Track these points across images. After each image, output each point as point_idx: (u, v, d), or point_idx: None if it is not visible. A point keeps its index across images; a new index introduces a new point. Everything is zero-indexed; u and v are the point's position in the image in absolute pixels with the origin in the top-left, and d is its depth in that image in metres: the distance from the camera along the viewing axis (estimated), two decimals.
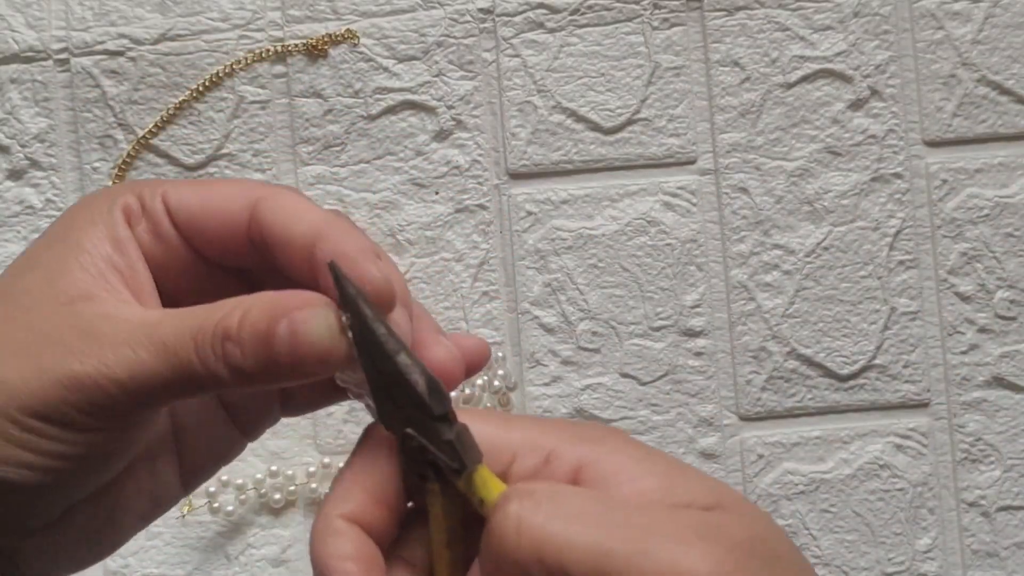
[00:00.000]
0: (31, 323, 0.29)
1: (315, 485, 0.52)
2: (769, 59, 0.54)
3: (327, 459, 0.53)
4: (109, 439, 0.29)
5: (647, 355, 0.53)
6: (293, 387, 0.32)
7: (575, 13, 0.54)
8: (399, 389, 0.28)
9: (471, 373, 0.31)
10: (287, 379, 0.29)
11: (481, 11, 0.54)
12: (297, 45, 0.54)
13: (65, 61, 0.54)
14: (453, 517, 0.28)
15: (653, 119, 0.54)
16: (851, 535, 0.53)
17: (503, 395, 0.52)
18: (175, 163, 0.54)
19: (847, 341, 0.53)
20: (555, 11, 0.54)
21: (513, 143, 0.54)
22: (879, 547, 0.53)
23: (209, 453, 0.33)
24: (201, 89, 0.54)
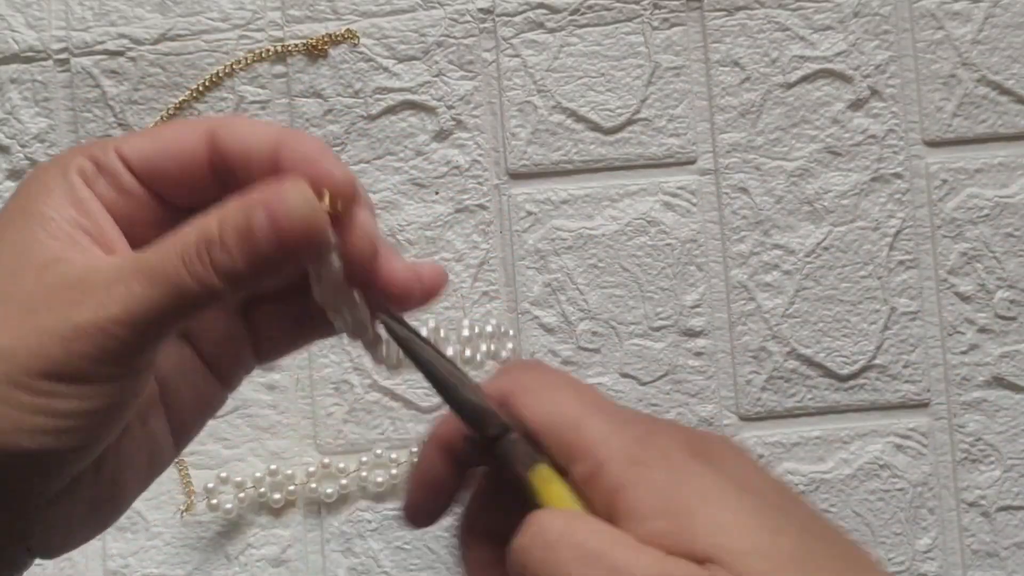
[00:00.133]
0: (13, 293, 0.29)
1: (314, 485, 0.52)
2: (769, 59, 0.54)
3: (327, 459, 0.53)
4: (120, 388, 0.29)
5: (647, 355, 0.53)
6: (265, 330, 0.34)
7: (575, 13, 0.54)
8: (458, 411, 0.31)
9: (429, 297, 0.31)
10: (279, 267, 0.29)
11: (481, 11, 0.54)
12: (297, 45, 0.54)
13: (65, 61, 0.54)
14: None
15: (653, 119, 0.54)
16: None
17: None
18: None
19: (847, 341, 0.53)
20: (555, 11, 0.54)
21: (513, 143, 0.54)
22: (879, 547, 0.53)
23: (194, 407, 0.34)
24: (201, 89, 0.54)
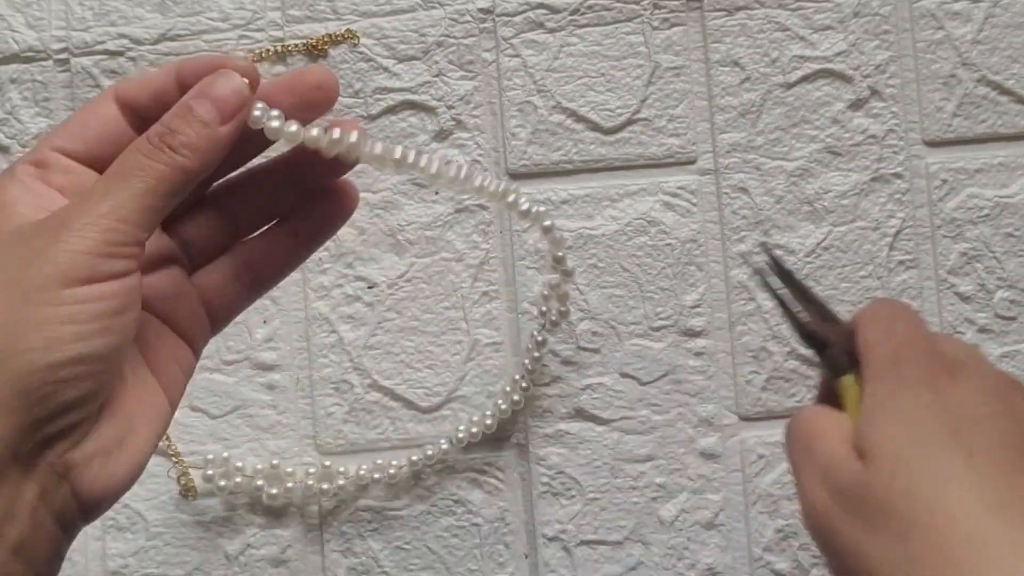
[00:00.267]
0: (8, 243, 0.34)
1: (312, 482, 0.52)
2: (769, 59, 0.54)
3: (327, 461, 0.53)
4: (125, 286, 0.34)
5: (647, 355, 0.53)
6: (257, 260, 0.40)
7: (575, 13, 0.54)
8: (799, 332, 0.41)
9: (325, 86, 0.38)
10: (229, 134, 0.35)
11: (481, 11, 0.54)
12: (297, 45, 0.54)
13: (65, 61, 0.54)
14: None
15: (653, 119, 0.54)
16: None
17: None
18: None
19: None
20: (555, 11, 0.54)
21: (513, 143, 0.54)
22: None
23: (195, 334, 0.39)
24: None
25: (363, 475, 0.53)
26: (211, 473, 0.52)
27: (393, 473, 0.52)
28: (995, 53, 0.54)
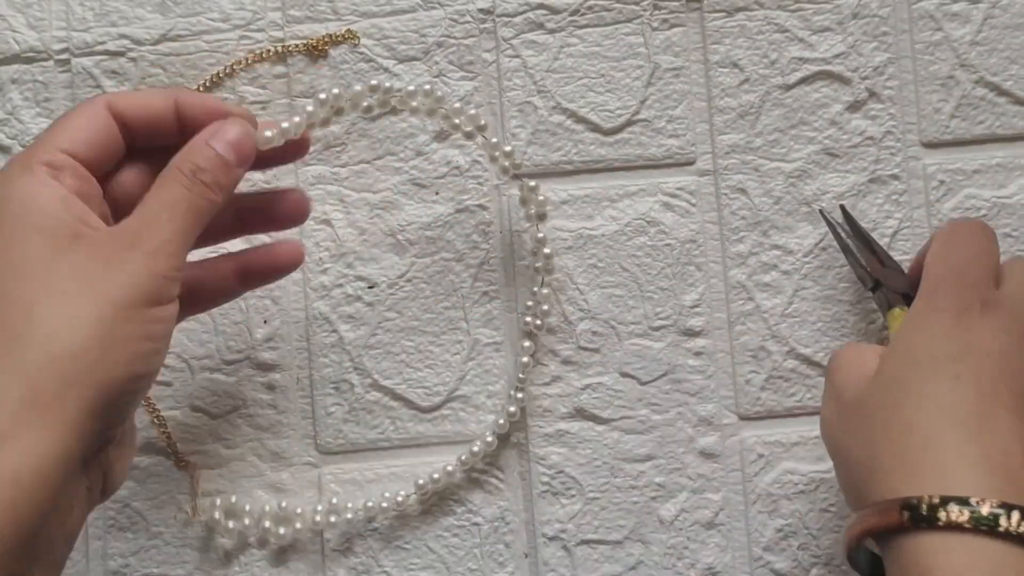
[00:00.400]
0: (69, 262, 0.37)
1: (319, 518, 0.52)
2: (768, 60, 0.54)
3: (334, 499, 0.52)
4: (177, 306, 0.39)
5: (647, 355, 0.53)
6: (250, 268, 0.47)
7: (575, 14, 0.54)
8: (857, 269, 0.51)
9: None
10: (242, 169, 0.42)
11: (481, 11, 0.54)
12: (297, 45, 0.54)
13: (66, 61, 0.54)
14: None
15: (653, 120, 0.54)
16: None
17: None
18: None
19: (846, 341, 0.53)
20: (555, 12, 0.54)
21: (513, 143, 0.54)
22: None
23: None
24: (202, 90, 0.54)
25: (371, 507, 0.52)
26: (217, 517, 0.52)
27: (400, 502, 0.52)
28: (993, 54, 0.54)
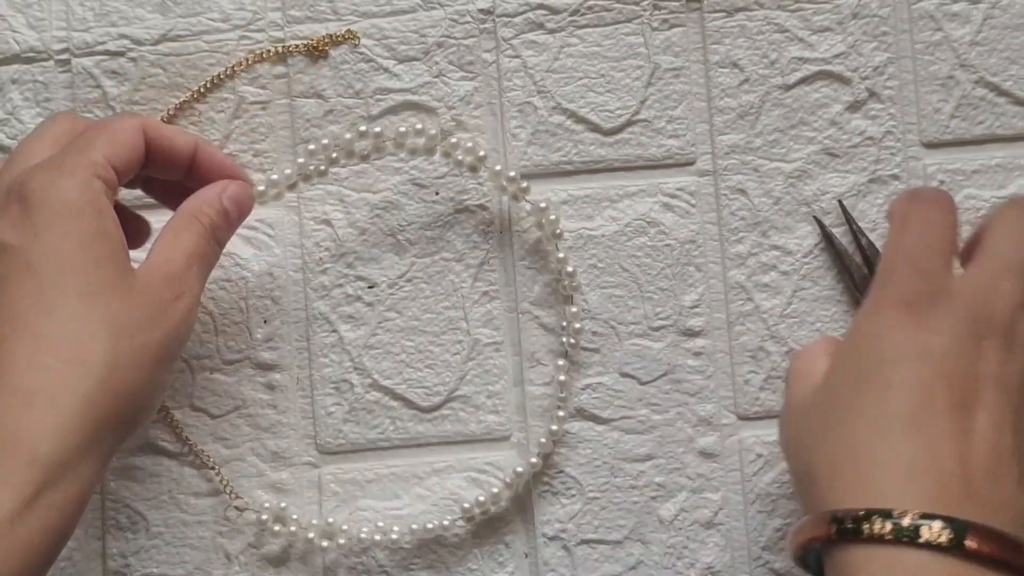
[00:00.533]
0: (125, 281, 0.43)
1: (364, 535, 0.52)
2: (768, 61, 0.54)
3: (331, 519, 0.52)
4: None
5: (647, 355, 0.53)
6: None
7: (575, 14, 0.54)
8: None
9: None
10: (240, 223, 0.49)
11: (481, 12, 0.54)
12: (298, 46, 0.54)
13: (66, 62, 0.54)
14: None
15: (652, 120, 0.54)
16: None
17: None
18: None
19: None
20: (555, 12, 0.54)
21: (513, 144, 0.54)
22: None
23: None
24: (203, 91, 0.54)
25: (416, 529, 0.52)
26: (265, 519, 0.52)
27: (395, 538, 0.52)
28: (993, 54, 0.54)
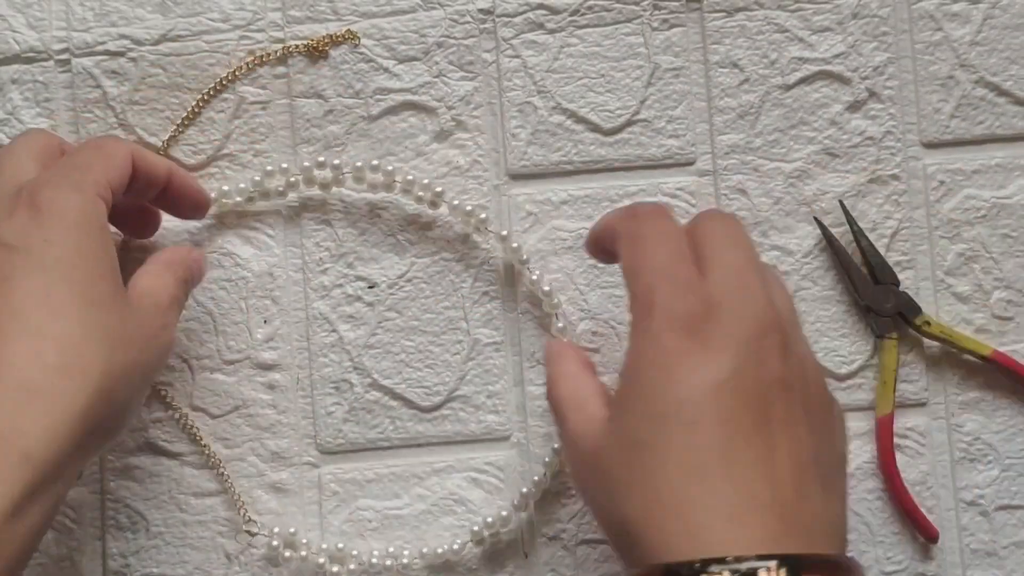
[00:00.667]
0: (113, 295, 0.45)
1: (375, 560, 0.52)
2: (768, 61, 0.54)
3: (341, 544, 0.52)
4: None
5: None
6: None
7: (575, 14, 0.54)
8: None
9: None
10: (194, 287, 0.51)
11: (481, 12, 0.54)
12: (298, 46, 0.54)
13: (66, 62, 0.54)
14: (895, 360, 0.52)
15: (652, 120, 0.54)
16: (850, 534, 0.53)
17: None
18: (175, 162, 0.54)
19: (844, 342, 0.54)
20: (555, 12, 0.54)
21: (513, 144, 0.54)
22: (878, 546, 0.53)
23: None
24: (207, 98, 0.54)
25: (426, 553, 0.52)
26: (276, 544, 0.52)
27: (406, 563, 0.52)
28: (993, 54, 0.54)
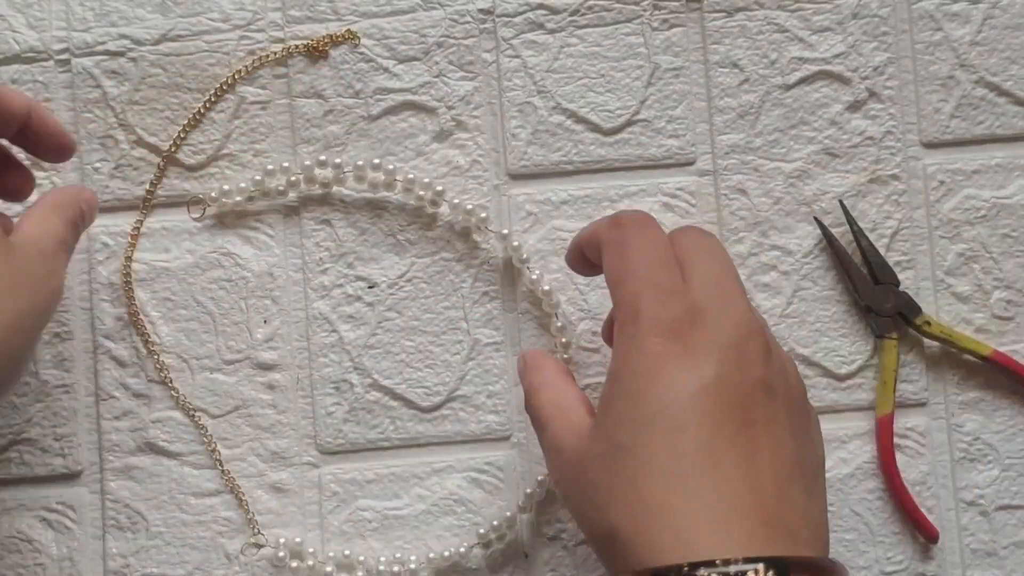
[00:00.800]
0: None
1: (382, 567, 0.52)
2: (768, 60, 0.54)
3: (347, 551, 0.52)
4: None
5: None
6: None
7: (575, 14, 0.54)
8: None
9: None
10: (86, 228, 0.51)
11: (481, 12, 0.54)
12: (298, 46, 0.54)
13: (66, 62, 0.54)
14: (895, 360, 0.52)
15: (652, 120, 0.54)
16: (850, 534, 0.53)
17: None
18: (176, 163, 0.54)
19: (844, 342, 0.54)
20: (555, 12, 0.54)
21: (513, 144, 0.54)
22: (878, 546, 0.53)
23: None
24: (212, 102, 0.54)
25: (432, 558, 0.52)
26: (282, 555, 0.52)
27: (414, 568, 0.52)
28: (993, 54, 0.54)
